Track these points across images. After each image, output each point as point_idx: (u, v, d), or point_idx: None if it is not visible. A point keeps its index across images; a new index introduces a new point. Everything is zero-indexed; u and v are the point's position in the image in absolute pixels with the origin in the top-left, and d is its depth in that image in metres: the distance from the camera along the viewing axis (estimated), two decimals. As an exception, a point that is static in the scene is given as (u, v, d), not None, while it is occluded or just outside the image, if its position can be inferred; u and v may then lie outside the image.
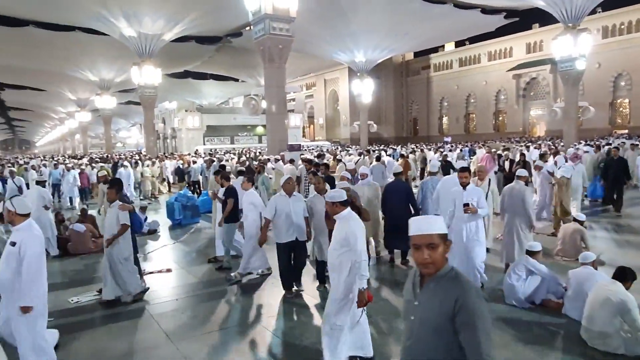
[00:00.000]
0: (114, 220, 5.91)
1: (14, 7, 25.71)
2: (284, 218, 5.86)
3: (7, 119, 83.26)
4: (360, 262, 3.83)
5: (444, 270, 1.98)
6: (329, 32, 30.57)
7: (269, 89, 20.43)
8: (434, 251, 1.94)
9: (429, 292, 1.98)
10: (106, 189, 9.54)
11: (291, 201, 5.93)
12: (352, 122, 51.21)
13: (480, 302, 1.89)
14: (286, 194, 5.94)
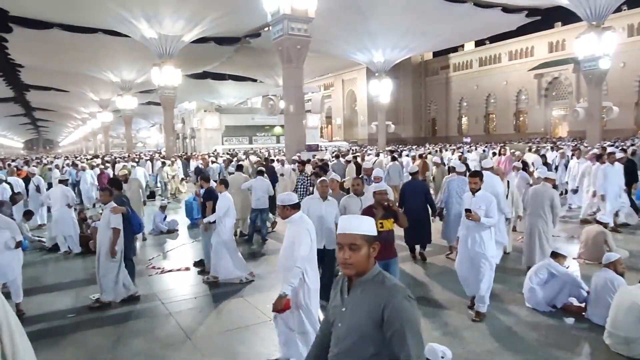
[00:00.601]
0: (105, 222, 5.90)
1: (39, 10, 26.37)
2: (315, 223, 5.48)
3: (32, 119, 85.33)
4: (295, 269, 3.83)
5: (370, 274, 1.92)
6: (347, 32, 30.53)
7: (287, 89, 20.50)
8: (355, 252, 1.87)
9: (356, 298, 1.91)
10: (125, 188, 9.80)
11: (324, 205, 5.56)
12: (369, 122, 51.05)
13: (409, 306, 1.82)
14: (320, 196, 5.58)
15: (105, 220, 5.90)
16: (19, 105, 63.33)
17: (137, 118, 60.75)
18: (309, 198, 5.78)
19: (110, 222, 5.83)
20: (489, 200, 5.07)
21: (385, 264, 4.61)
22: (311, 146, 20.25)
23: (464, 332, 4.75)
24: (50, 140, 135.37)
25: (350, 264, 1.89)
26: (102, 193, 6.12)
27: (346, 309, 1.94)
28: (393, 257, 4.90)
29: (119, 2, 23.80)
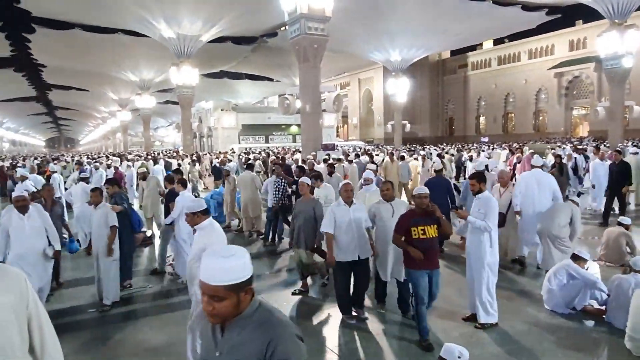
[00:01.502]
0: (102, 221, 5.74)
1: (61, 10, 26.91)
2: (344, 231, 4.98)
3: (54, 118, 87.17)
4: None
5: (248, 311, 1.65)
6: (365, 31, 30.44)
7: (303, 88, 20.52)
8: (219, 303, 1.59)
9: (232, 339, 1.65)
10: (144, 185, 9.94)
11: (352, 211, 5.04)
12: (386, 121, 50.86)
13: (297, 348, 1.64)
14: (345, 202, 5.09)
15: (99, 220, 5.76)
16: (41, 104, 64.75)
17: (155, 117, 61.53)
18: (335, 205, 5.20)
19: (108, 220, 5.75)
20: (490, 205, 4.76)
21: (428, 275, 4.43)
22: (327, 145, 20.22)
23: (482, 333, 4.71)
24: (72, 139, 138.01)
25: (215, 315, 1.62)
26: (92, 194, 5.89)
27: (221, 353, 1.67)
28: (436, 267, 4.52)
29: (139, 2, 24.15)
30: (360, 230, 5.00)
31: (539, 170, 7.33)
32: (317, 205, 5.95)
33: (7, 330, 1.98)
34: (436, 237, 4.48)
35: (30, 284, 2.17)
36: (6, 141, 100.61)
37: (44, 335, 2.12)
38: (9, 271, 2.14)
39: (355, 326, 5.01)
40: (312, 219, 5.80)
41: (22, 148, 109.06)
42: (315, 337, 4.85)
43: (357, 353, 4.48)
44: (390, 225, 4.83)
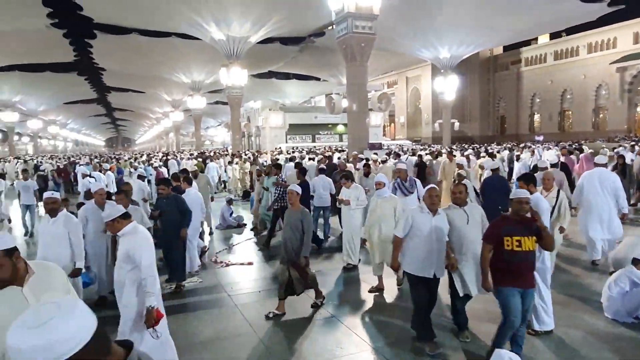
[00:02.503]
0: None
1: (120, 16, 28.34)
2: (423, 242, 4.33)
3: (112, 119, 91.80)
4: (147, 279, 3.62)
5: None
6: (412, 28, 29.97)
7: (350, 87, 20.50)
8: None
9: None
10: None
11: (434, 220, 4.36)
12: (434, 120, 49.84)
13: None
14: (429, 209, 4.40)
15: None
16: (101, 105, 68.38)
17: (206, 117, 63.41)
18: (416, 210, 4.54)
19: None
20: (540, 207, 4.55)
21: (521, 295, 3.84)
22: (374, 144, 20.10)
23: (536, 339, 4.52)
24: (128, 139, 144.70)
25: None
26: (117, 196, 5.67)
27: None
28: (531, 286, 3.91)
29: (192, 7, 24.98)
30: (441, 244, 4.33)
31: (602, 169, 6.99)
32: (306, 217, 5.42)
33: None
34: (533, 251, 3.85)
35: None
36: (70, 141, 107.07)
37: None
38: (49, 267, 2.28)
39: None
40: (299, 232, 5.33)
41: (83, 147, 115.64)
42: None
43: (403, 355, 4.42)
44: (465, 234, 4.40)
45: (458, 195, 4.55)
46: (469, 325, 4.69)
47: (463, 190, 4.59)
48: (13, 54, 34.47)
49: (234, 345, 4.75)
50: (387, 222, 5.92)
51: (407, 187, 7.16)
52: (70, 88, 50.28)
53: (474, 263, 4.35)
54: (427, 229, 4.31)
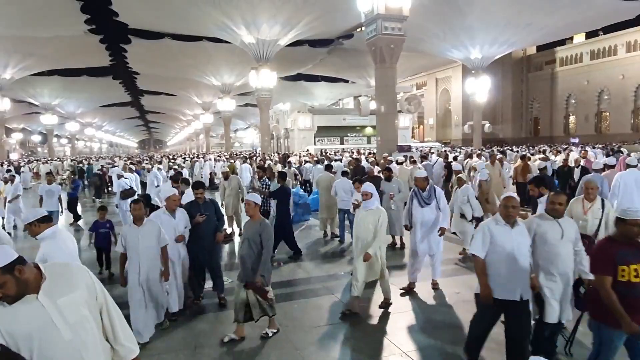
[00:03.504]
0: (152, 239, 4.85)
1: (153, 22, 29.12)
2: (503, 259, 3.74)
3: (145, 121, 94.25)
4: None
5: None
6: (443, 28, 29.59)
7: (379, 89, 20.35)
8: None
9: None
10: (225, 184, 10.36)
11: (513, 234, 3.78)
12: (464, 122, 49.00)
13: None
14: (505, 221, 3.80)
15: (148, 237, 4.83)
16: (135, 108, 70.37)
17: (235, 119, 64.26)
18: (491, 223, 3.88)
19: (159, 239, 4.90)
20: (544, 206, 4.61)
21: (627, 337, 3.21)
22: (402, 147, 19.87)
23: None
24: (160, 140, 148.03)
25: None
26: (135, 206, 4.86)
27: None
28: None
29: (222, 11, 25.41)
30: (525, 261, 3.75)
31: (636, 170, 6.83)
32: (265, 229, 4.75)
33: (86, 325, 2.10)
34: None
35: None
36: (105, 142, 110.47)
37: (114, 322, 2.26)
38: (71, 268, 2.25)
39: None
40: (257, 246, 4.70)
41: (117, 149, 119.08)
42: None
43: None
44: (558, 251, 3.86)
45: (558, 207, 3.90)
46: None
47: (564, 201, 3.94)
48: (53, 59, 35.89)
49: (263, 345, 4.77)
50: (366, 238, 5.43)
51: (424, 197, 6.26)
52: (105, 91, 52.04)
53: (565, 284, 3.90)
54: (508, 244, 3.72)
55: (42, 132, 72.36)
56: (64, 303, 2.04)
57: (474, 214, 7.75)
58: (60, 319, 2.02)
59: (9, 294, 1.94)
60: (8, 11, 24.52)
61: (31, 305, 1.99)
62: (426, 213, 6.22)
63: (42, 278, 2.05)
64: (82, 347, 2.06)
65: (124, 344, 2.29)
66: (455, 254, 8.01)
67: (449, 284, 6.53)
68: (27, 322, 1.97)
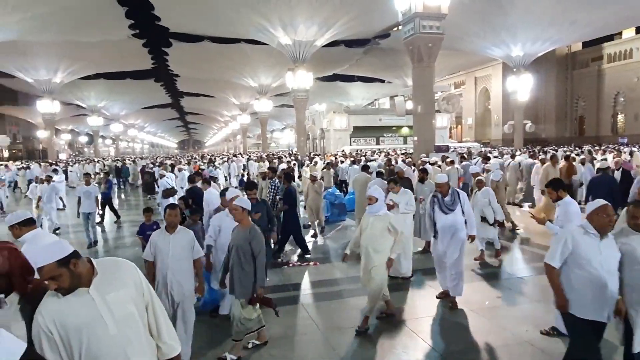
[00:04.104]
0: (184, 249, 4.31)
1: (193, 25, 29.87)
2: (590, 274, 3.33)
3: (185, 122, 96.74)
4: None
5: None
6: (483, 26, 28.89)
7: (416, 88, 20.12)
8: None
9: None
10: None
11: (603, 245, 3.35)
12: (504, 121, 47.67)
13: None
14: (597, 231, 3.35)
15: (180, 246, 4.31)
16: (175, 110, 72.35)
17: (272, 120, 65.06)
18: (577, 232, 3.44)
19: (193, 250, 4.40)
20: (569, 210, 4.58)
21: None
22: (440, 147, 19.57)
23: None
24: (198, 141, 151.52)
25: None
26: (170, 211, 4.32)
27: None
28: None
29: (260, 13, 25.76)
30: (614, 278, 3.30)
31: None
32: (255, 236, 4.32)
33: (132, 321, 2.17)
34: None
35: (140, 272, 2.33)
36: (146, 143, 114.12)
37: (159, 319, 2.33)
38: (121, 265, 2.30)
39: None
40: (247, 255, 4.29)
41: (158, 149, 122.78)
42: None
43: None
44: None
45: (637, 221, 3.33)
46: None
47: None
48: (99, 63, 37.43)
49: (301, 344, 4.82)
50: (374, 246, 5.03)
51: (446, 203, 5.73)
52: (147, 94, 53.79)
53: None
54: (594, 257, 3.31)
55: (88, 133, 75.52)
56: (113, 299, 2.11)
57: (496, 217, 7.56)
58: (108, 314, 2.09)
59: (63, 286, 2.03)
60: (60, 19, 25.72)
61: (82, 298, 2.08)
62: (450, 220, 5.70)
63: (94, 273, 2.13)
64: (126, 342, 2.12)
65: (167, 341, 2.35)
66: (469, 260, 7.70)
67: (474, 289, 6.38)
68: (77, 314, 2.05)
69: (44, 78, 37.56)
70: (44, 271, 2.00)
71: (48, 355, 2.03)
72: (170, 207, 4.35)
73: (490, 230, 7.61)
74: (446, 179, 6.02)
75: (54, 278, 2.00)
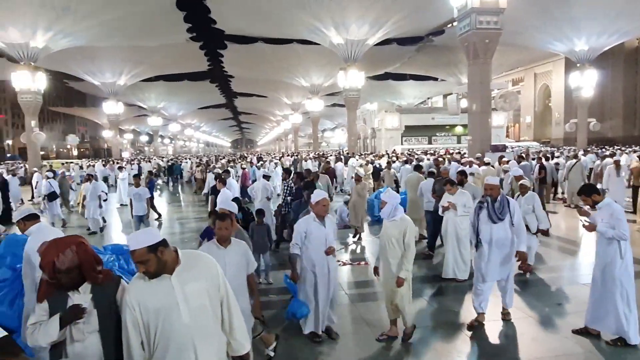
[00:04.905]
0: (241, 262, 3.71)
1: (247, 27, 30.59)
2: None
3: (238, 122, 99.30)
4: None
5: None
6: (543, 19, 27.53)
7: (472, 86, 19.54)
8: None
9: None
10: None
11: None
12: (566, 120, 45.33)
13: None
14: None
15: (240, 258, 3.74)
16: (229, 110, 74.43)
17: (323, 119, 65.34)
18: None
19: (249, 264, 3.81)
20: (614, 210, 4.35)
21: None
22: (497, 146, 18.87)
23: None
24: (251, 140, 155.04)
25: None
26: (221, 224, 3.64)
27: None
28: None
29: (313, 13, 25.98)
30: None
31: None
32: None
33: (205, 313, 2.28)
34: None
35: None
36: (202, 142, 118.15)
37: (232, 316, 2.42)
38: (202, 258, 2.43)
39: None
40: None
41: (213, 148, 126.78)
42: None
43: None
44: None
45: None
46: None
47: None
48: (159, 66, 39.19)
49: (352, 342, 4.82)
50: (392, 253, 4.57)
51: (496, 210, 4.97)
52: (203, 94, 55.72)
53: None
54: None
55: (148, 132, 79.24)
56: (190, 289, 2.25)
57: (540, 225, 6.80)
58: (184, 302, 2.23)
59: (150, 271, 2.21)
60: (124, 25, 27.18)
61: (164, 284, 2.24)
62: (498, 230, 4.96)
63: (177, 262, 2.29)
64: (196, 333, 2.24)
65: (237, 338, 2.45)
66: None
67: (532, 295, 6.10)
68: (158, 298, 2.22)
69: (110, 81, 39.87)
70: (135, 255, 2.19)
71: (130, 329, 2.21)
72: (220, 218, 3.65)
73: (532, 240, 6.80)
74: (497, 181, 5.23)
75: (143, 262, 2.18)
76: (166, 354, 2.21)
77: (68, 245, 2.34)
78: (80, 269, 2.33)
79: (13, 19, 23.88)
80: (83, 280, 2.37)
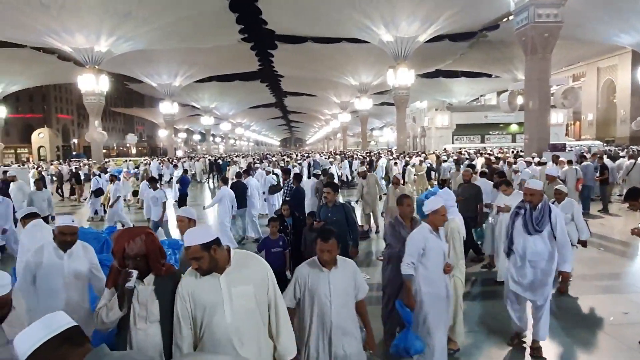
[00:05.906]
0: None
1: (297, 27, 30.94)
2: None
3: (287, 121, 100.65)
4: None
5: None
6: (607, 10, 25.87)
7: (529, 82, 18.71)
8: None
9: None
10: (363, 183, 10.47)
11: None
12: (633, 117, 42.48)
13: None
14: None
15: None
16: (278, 109, 75.59)
17: (372, 118, 64.95)
18: None
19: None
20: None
21: None
22: (556, 145, 17.93)
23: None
24: (300, 139, 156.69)
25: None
26: (323, 245, 2.93)
27: None
28: None
29: (362, 11, 25.82)
30: None
31: None
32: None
33: (249, 316, 2.29)
34: None
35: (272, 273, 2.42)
36: (252, 141, 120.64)
37: (279, 320, 2.41)
38: (253, 259, 2.45)
39: None
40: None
41: (262, 147, 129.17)
42: None
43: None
44: None
45: None
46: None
47: None
48: (212, 67, 40.43)
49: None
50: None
51: (534, 219, 4.20)
52: (254, 94, 56.90)
53: None
54: None
55: (201, 131, 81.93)
56: (237, 292, 2.28)
57: (580, 236, 6.04)
58: (228, 303, 2.26)
59: (202, 267, 2.25)
60: (180, 28, 28.23)
61: (213, 281, 2.29)
62: (535, 243, 4.21)
63: (229, 262, 2.32)
64: (238, 333, 2.26)
65: (283, 343, 2.43)
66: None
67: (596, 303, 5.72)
68: (206, 294, 2.27)
69: (166, 82, 41.56)
70: (190, 251, 2.24)
71: (182, 317, 2.30)
72: (323, 239, 2.91)
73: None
74: (540, 185, 4.32)
75: (196, 258, 2.23)
76: (209, 346, 2.27)
77: (138, 234, 2.46)
78: (147, 258, 2.43)
79: (79, 25, 25.42)
80: (148, 272, 2.46)
